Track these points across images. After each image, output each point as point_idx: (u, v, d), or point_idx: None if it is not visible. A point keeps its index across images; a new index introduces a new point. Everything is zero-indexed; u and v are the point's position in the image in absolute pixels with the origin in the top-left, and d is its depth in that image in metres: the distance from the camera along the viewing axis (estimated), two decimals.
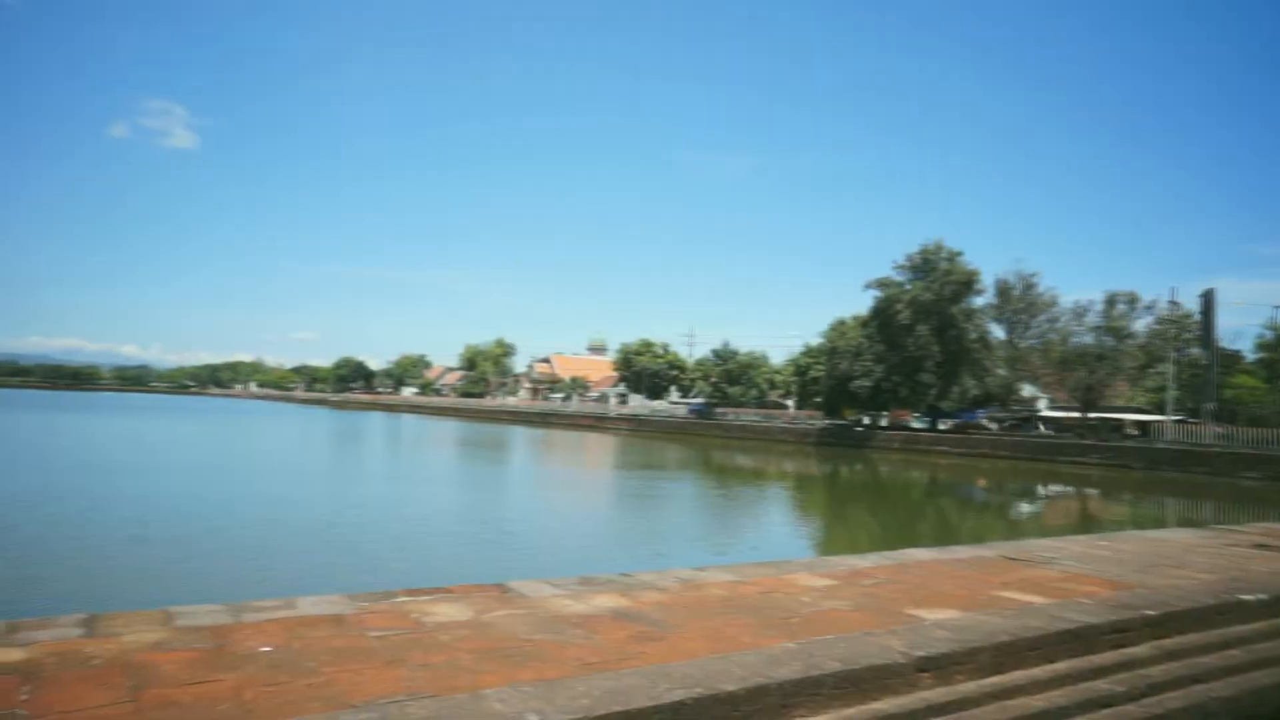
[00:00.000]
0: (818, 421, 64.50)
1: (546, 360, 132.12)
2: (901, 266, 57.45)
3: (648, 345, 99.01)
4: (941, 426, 57.68)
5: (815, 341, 70.30)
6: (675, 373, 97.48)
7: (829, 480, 38.02)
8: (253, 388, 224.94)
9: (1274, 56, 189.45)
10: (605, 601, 4.76)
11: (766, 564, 6.41)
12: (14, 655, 3.21)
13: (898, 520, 24.27)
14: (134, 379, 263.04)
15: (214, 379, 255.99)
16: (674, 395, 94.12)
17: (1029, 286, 55.95)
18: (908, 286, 56.05)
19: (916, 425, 58.93)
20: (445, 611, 4.27)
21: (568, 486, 31.54)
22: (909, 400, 57.06)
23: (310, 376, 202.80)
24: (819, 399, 66.61)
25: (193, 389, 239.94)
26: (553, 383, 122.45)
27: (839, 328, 62.43)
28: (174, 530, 15.22)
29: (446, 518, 20.07)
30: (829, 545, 18.53)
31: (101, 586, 10.51)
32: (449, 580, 6.49)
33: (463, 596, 4.60)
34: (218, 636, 3.62)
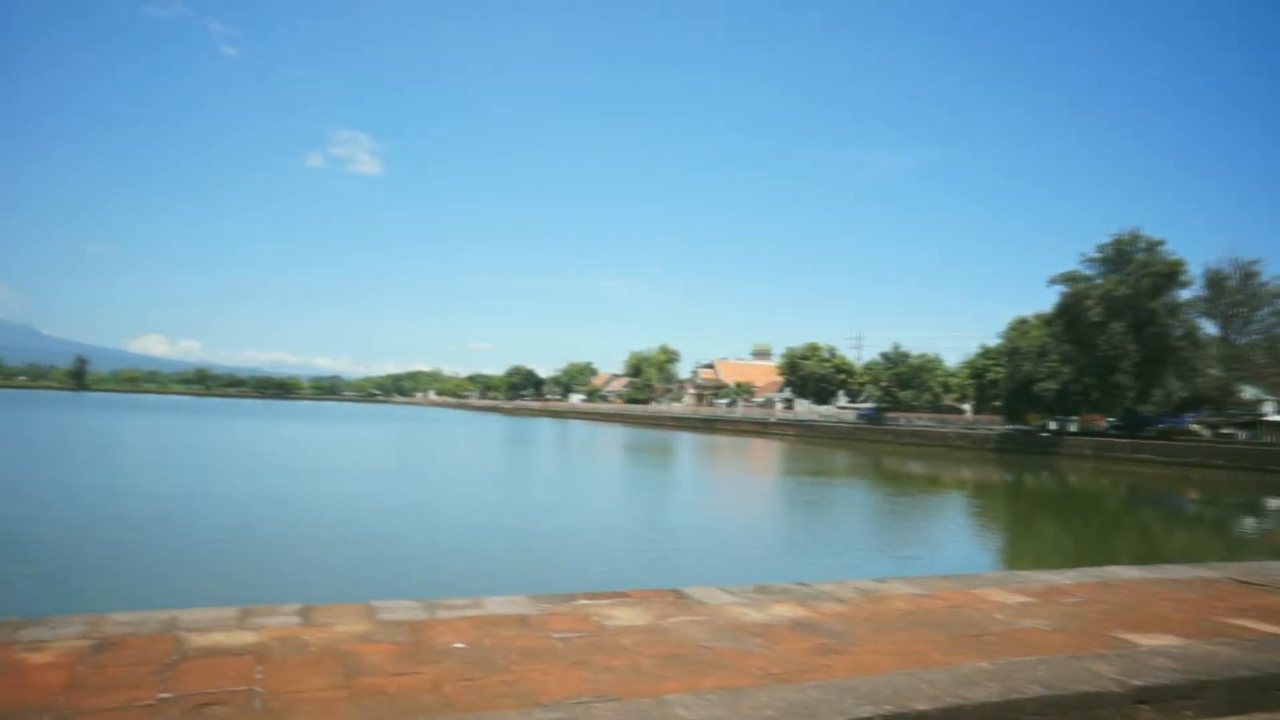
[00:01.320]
0: (998, 427, 60.62)
1: (711, 366, 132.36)
2: (1091, 259, 52.99)
3: (814, 349, 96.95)
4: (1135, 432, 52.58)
5: (993, 342, 66.29)
6: (843, 377, 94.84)
7: (1013, 489, 35.62)
8: (431, 396, 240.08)
9: None
10: (783, 611, 4.65)
11: (952, 577, 6.05)
12: (248, 638, 3.55)
13: (1093, 534, 22.34)
14: (328, 389, 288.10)
15: (397, 388, 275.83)
16: (841, 400, 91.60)
17: (1248, 276, 50.11)
18: (1098, 280, 51.59)
19: (1112, 431, 54.00)
20: (624, 616, 4.32)
21: (736, 492, 31.39)
22: (1101, 404, 52.40)
23: (484, 385, 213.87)
24: (998, 403, 62.59)
25: (379, 397, 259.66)
26: (717, 388, 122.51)
27: (1020, 326, 58.44)
28: (372, 529, 16.48)
29: (618, 522, 20.50)
30: (1016, 559, 17.32)
31: (313, 579, 11.53)
32: (624, 584, 6.59)
33: (640, 601, 4.65)
34: (415, 632, 3.84)
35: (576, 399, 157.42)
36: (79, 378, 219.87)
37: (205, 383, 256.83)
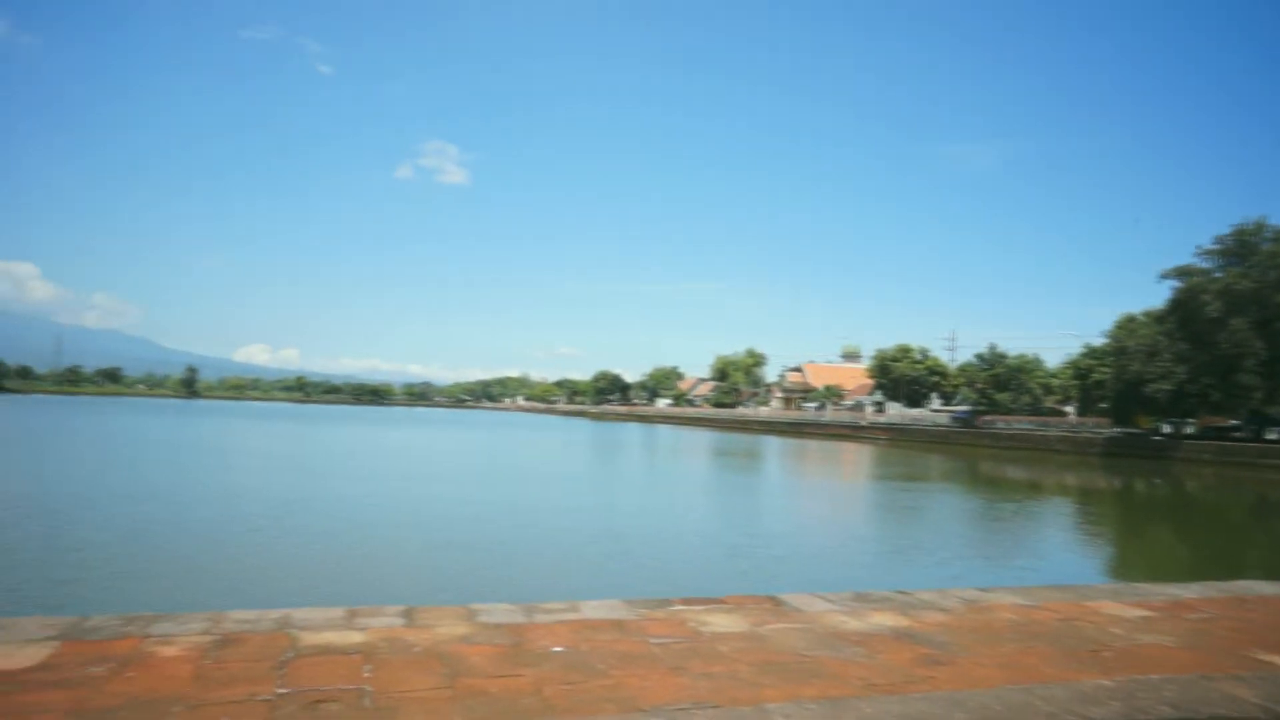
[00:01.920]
0: (1105, 430, 57.67)
1: (798, 369, 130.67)
2: (1208, 252, 49.87)
3: (905, 351, 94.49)
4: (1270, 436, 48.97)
5: (1098, 341, 63.20)
6: (936, 379, 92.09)
7: (1123, 496, 33.80)
8: (519, 401, 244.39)
9: None
10: (883, 620, 4.52)
11: (1063, 588, 5.76)
12: (355, 638, 3.67)
13: (1218, 545, 20.97)
14: (419, 395, 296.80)
15: (486, 394, 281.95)
16: (935, 403, 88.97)
17: None
18: (1217, 274, 48.46)
19: (1236, 434, 50.52)
20: (720, 622, 4.28)
21: (828, 497, 30.83)
22: (1223, 405, 49.14)
23: (571, 390, 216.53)
24: (1105, 405, 59.57)
25: (468, 403, 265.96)
26: (805, 392, 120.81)
27: (1127, 325, 55.51)
28: (467, 533, 16.89)
29: (709, 527, 20.42)
30: (1130, 570, 16.42)
31: (413, 580, 11.89)
32: (717, 590, 6.54)
33: (736, 608, 4.59)
34: (515, 634, 3.89)
35: (663, 403, 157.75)
36: (189, 386, 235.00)
37: (304, 390, 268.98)
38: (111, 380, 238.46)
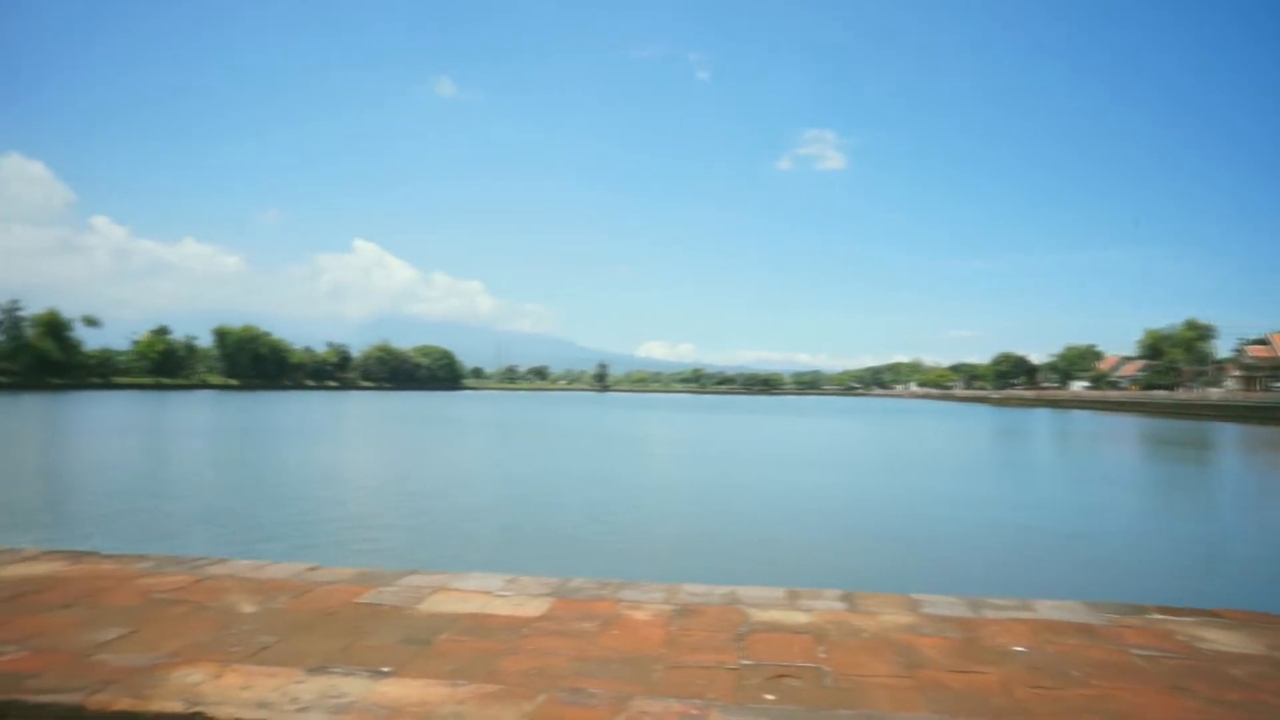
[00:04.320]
0: None
1: (1263, 341, 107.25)
2: None
3: None
4: None
5: None
6: None
7: None
8: (912, 387, 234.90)
9: None
10: None
11: None
12: (801, 619, 3.75)
13: None
14: (808, 383, 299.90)
15: (876, 380, 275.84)
16: None
17: None
18: None
19: None
20: (1220, 639, 3.58)
21: None
22: None
23: (968, 374, 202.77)
24: None
25: (858, 390, 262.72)
26: (1275, 369, 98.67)
27: None
28: (890, 521, 16.65)
29: (1158, 525, 17.65)
30: None
31: (838, 566, 11.99)
32: (1189, 599, 5.54)
33: (1241, 624, 3.81)
34: (964, 629, 3.66)
35: (1078, 386, 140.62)
36: (601, 380, 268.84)
37: (700, 381, 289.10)
38: (539, 377, 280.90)
